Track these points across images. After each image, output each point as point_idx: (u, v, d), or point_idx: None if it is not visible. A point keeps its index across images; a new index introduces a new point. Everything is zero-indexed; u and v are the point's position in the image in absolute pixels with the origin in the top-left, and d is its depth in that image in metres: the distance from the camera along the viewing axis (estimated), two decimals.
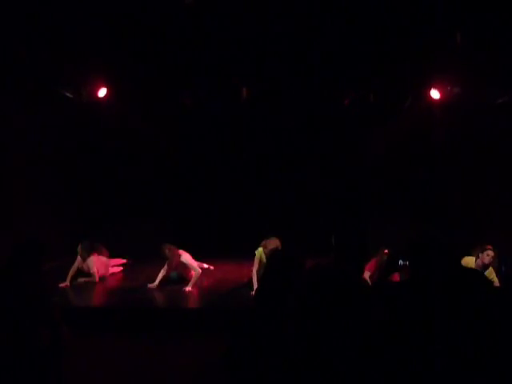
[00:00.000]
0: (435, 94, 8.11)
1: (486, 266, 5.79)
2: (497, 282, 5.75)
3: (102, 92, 8.29)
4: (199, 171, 9.65)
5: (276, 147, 9.62)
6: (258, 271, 6.53)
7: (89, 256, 7.23)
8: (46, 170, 8.14)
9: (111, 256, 7.98)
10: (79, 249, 7.18)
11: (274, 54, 7.26)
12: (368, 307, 1.49)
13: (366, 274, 6.43)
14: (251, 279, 6.61)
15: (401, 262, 2.74)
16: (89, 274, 7.24)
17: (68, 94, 7.90)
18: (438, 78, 7.76)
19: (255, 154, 9.64)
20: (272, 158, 9.57)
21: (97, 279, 7.25)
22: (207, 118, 9.50)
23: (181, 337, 5.33)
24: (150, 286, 6.97)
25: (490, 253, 5.81)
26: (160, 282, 6.96)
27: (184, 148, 9.70)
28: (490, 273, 5.83)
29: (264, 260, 6.43)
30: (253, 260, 6.62)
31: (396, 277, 2.98)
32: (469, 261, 5.98)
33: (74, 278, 7.05)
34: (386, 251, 6.48)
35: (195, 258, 7.35)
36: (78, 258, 7.17)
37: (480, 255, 5.85)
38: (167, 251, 6.89)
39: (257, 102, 8.90)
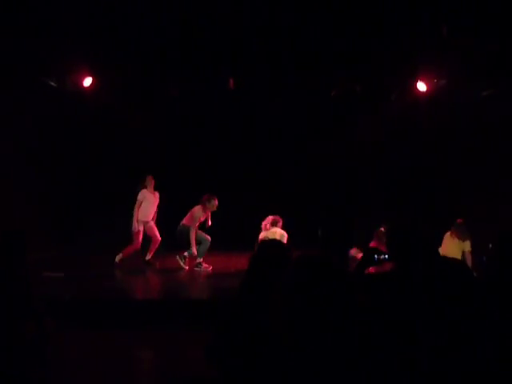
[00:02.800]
0: (422, 86, 8.15)
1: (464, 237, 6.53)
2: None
3: (88, 81, 8.18)
4: (186, 162, 9.60)
5: (262, 138, 9.61)
6: None
7: None
8: (29, 160, 8.04)
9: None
10: None
11: (261, 44, 7.22)
12: (352, 296, 1.49)
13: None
14: (241, 270, 6.65)
15: (376, 256, 2.77)
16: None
17: (52, 83, 7.79)
18: (424, 70, 7.80)
19: (242, 145, 9.63)
20: (258, 149, 9.56)
21: None
22: (194, 109, 9.44)
23: (167, 329, 5.31)
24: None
25: (461, 225, 6.56)
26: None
27: (171, 139, 9.64)
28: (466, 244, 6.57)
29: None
30: (240, 251, 6.69)
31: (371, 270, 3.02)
32: (446, 242, 6.64)
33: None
34: (383, 229, 6.62)
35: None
36: None
37: (453, 230, 6.56)
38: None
39: (243, 93, 8.87)
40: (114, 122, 8.94)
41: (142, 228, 7.66)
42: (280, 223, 7.10)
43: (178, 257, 7.57)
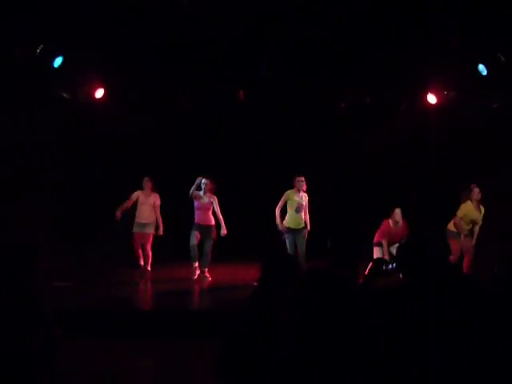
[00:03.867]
0: (432, 98, 8.14)
1: (480, 202, 6.82)
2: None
3: (100, 93, 8.27)
4: (197, 174, 9.62)
5: (272, 149, 9.62)
6: (280, 209, 7.28)
7: None
8: (40, 170, 8.10)
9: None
10: None
11: (270, 56, 7.27)
12: (361, 311, 1.48)
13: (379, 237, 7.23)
14: (245, 283, 6.63)
15: (384, 266, 2.75)
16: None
17: (65, 95, 7.88)
18: (434, 82, 7.80)
19: (251, 155, 9.64)
20: (267, 160, 9.57)
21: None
22: (205, 120, 9.49)
23: (176, 339, 5.30)
24: None
25: (476, 188, 6.80)
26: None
27: (181, 149, 9.68)
28: (483, 212, 6.87)
29: (290, 200, 7.24)
30: (247, 263, 6.67)
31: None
32: (466, 207, 6.89)
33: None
34: (398, 210, 7.09)
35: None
36: None
37: (471, 196, 6.80)
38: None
39: (253, 105, 8.92)
40: (125, 133, 9.00)
41: (137, 230, 7.73)
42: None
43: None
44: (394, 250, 7.33)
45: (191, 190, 7.47)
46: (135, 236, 7.77)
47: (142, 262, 7.89)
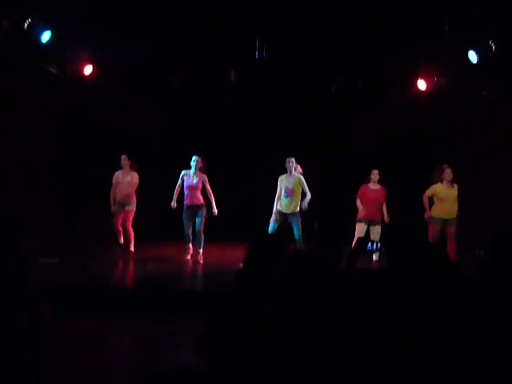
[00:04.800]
0: (422, 84, 8.15)
1: (451, 182, 6.88)
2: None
3: (88, 70, 8.16)
4: (185, 152, 9.58)
5: (262, 133, 9.61)
6: (277, 195, 7.34)
7: None
8: (29, 147, 8.01)
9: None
10: None
11: (262, 37, 7.21)
12: (346, 293, 1.49)
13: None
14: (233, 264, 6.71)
15: (369, 246, 2.76)
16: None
17: (53, 70, 7.76)
18: (425, 68, 7.80)
19: (241, 138, 9.62)
20: (258, 143, 9.56)
21: None
22: (195, 100, 9.42)
23: (160, 319, 5.34)
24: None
25: (448, 169, 6.85)
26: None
27: (171, 129, 9.62)
28: (456, 189, 6.89)
29: (281, 185, 7.28)
30: (237, 244, 6.76)
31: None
32: (437, 188, 6.99)
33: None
34: (375, 171, 7.43)
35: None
36: None
37: (442, 176, 6.87)
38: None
39: (244, 86, 8.85)
40: (113, 111, 8.91)
41: (116, 209, 7.71)
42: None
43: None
44: (375, 231, 7.42)
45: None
46: (115, 215, 7.76)
47: (121, 241, 7.88)
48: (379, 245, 2.77)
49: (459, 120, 8.19)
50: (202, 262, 7.61)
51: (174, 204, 7.54)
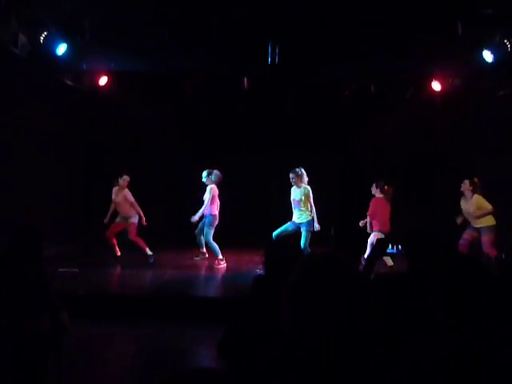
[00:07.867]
0: (436, 85, 8.09)
1: (470, 193, 6.82)
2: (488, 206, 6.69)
3: (103, 80, 8.28)
4: (199, 160, 9.64)
5: (275, 138, 9.60)
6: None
7: None
8: (47, 157, 8.14)
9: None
10: None
11: (275, 43, 7.22)
12: (363, 295, 1.48)
13: None
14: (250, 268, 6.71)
15: (390, 248, 2.74)
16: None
17: (68, 82, 7.88)
18: (439, 69, 7.74)
19: (254, 143, 9.63)
20: (271, 148, 9.55)
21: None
22: (208, 107, 9.48)
23: (181, 326, 5.35)
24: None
25: (465, 180, 6.86)
26: None
27: (184, 137, 9.68)
28: (478, 199, 6.76)
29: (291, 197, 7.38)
30: (250, 249, 6.81)
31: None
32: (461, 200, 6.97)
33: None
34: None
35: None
36: None
37: (478, 188, 6.81)
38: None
39: (257, 92, 8.88)
40: (128, 120, 9.01)
41: (119, 221, 7.90)
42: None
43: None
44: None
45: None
46: (108, 226, 7.92)
47: (118, 253, 7.97)
48: (400, 247, 2.75)
49: (475, 120, 8.10)
50: (207, 255, 8.02)
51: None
